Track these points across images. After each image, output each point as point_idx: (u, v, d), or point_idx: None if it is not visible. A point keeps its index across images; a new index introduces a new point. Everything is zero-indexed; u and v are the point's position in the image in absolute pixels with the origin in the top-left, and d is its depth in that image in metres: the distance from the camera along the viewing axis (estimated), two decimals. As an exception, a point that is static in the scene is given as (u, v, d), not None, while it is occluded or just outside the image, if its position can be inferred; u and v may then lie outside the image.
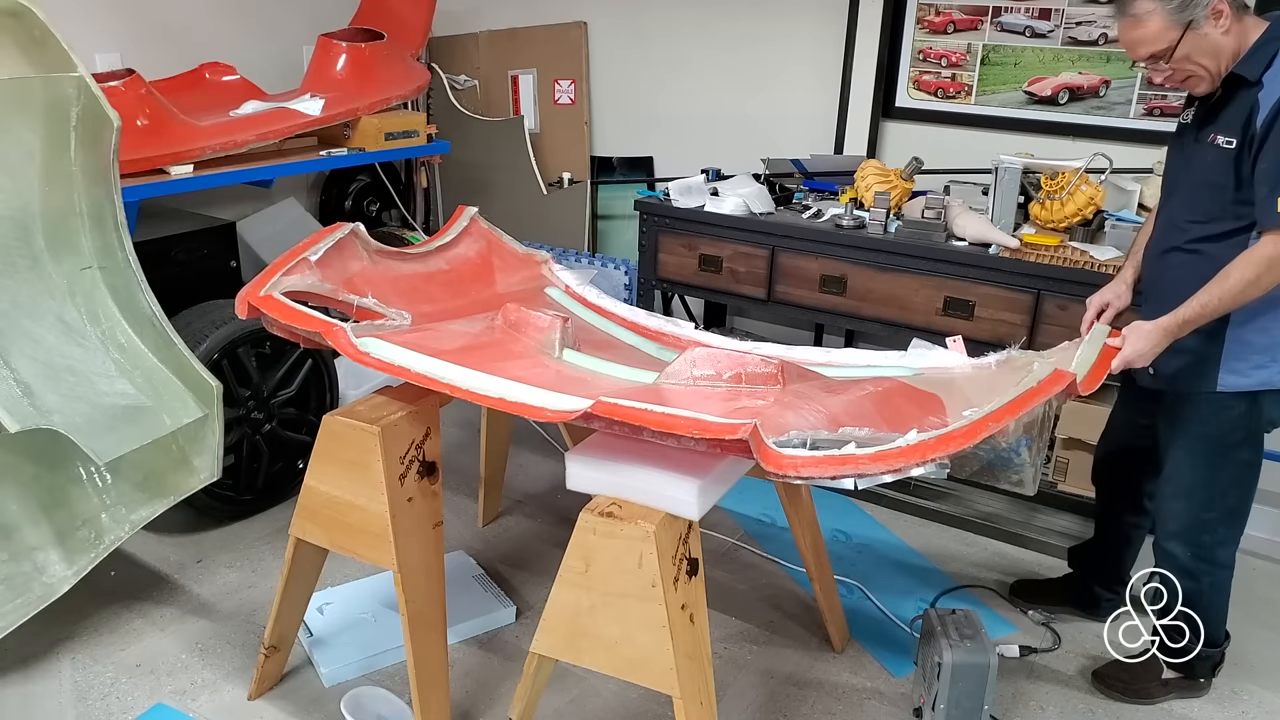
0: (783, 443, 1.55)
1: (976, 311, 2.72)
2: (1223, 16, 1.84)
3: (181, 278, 2.86)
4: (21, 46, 2.31)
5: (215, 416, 2.50)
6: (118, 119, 2.28)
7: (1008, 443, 1.63)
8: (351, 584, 2.64)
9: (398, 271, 2.37)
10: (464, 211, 2.66)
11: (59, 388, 2.31)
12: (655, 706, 2.21)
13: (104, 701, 2.23)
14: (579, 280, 2.61)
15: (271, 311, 1.98)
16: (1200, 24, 1.84)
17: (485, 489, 3.02)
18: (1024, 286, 2.65)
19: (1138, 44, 1.90)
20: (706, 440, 1.50)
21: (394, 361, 1.84)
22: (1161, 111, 3.01)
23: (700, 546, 1.72)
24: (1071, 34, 3.08)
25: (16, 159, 2.31)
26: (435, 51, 4.35)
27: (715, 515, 3.02)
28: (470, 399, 1.77)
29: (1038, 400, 1.60)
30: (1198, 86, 1.94)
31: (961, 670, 2.06)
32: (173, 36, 3.48)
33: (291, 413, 2.99)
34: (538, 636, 1.72)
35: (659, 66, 3.90)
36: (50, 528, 2.37)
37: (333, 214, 4.00)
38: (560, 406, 1.67)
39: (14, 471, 2.34)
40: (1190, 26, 1.84)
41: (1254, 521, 3.06)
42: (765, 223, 3.00)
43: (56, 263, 2.41)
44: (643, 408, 1.56)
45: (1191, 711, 2.32)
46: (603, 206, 4.18)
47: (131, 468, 2.44)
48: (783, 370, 1.91)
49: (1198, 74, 1.91)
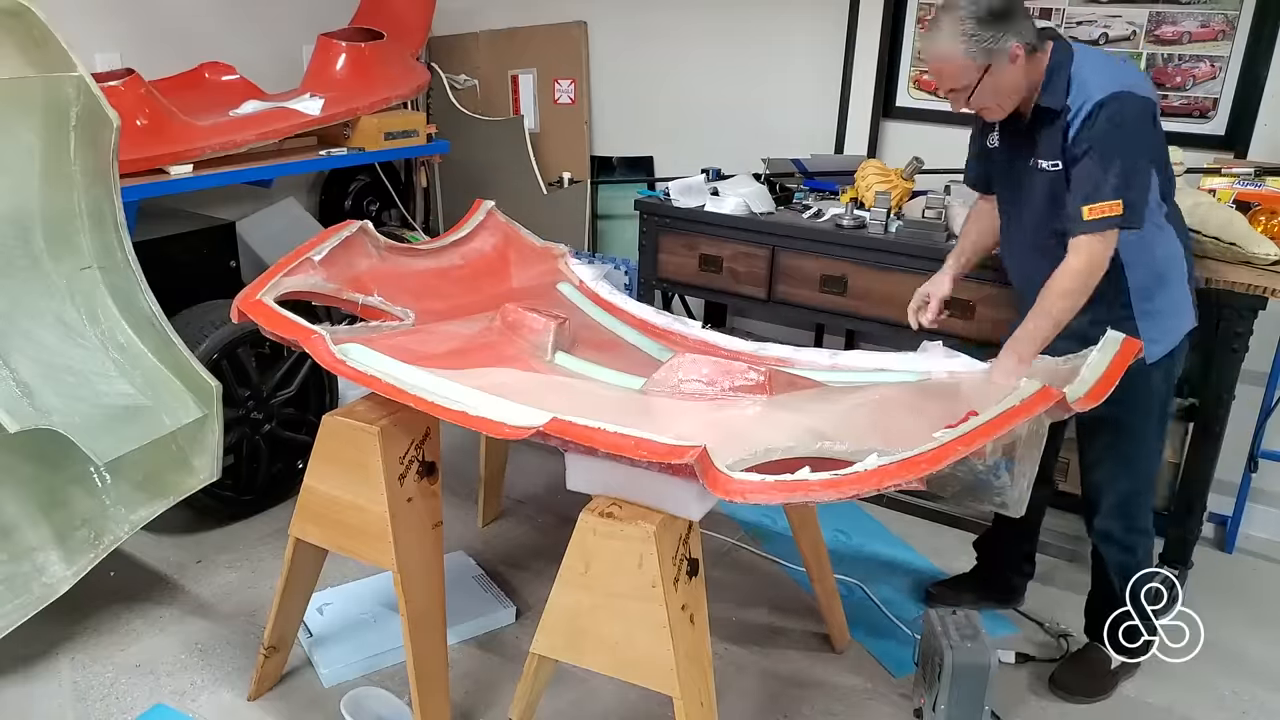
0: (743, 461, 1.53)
1: (977, 311, 2.71)
2: (1018, 60, 1.98)
3: (181, 278, 2.86)
4: (21, 46, 2.31)
5: (215, 417, 2.50)
6: (117, 119, 2.28)
7: (985, 465, 1.57)
8: (351, 584, 2.64)
9: (409, 268, 2.37)
10: (481, 205, 2.66)
11: (59, 388, 2.31)
12: (655, 707, 2.20)
13: (104, 702, 2.23)
14: (594, 275, 2.61)
15: (258, 318, 1.98)
16: (999, 68, 1.98)
17: (485, 489, 3.02)
18: (1024, 286, 2.64)
19: (940, 77, 2.06)
20: (653, 463, 1.48)
21: (366, 371, 1.83)
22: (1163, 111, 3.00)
23: (700, 547, 1.72)
24: (1072, 34, 3.08)
25: (16, 159, 2.31)
26: (435, 51, 4.34)
27: (715, 515, 3.02)
28: (431, 412, 1.74)
29: (1017, 421, 1.53)
30: (992, 115, 2.11)
31: (962, 671, 2.06)
32: (173, 36, 3.48)
33: (291, 413, 2.99)
34: (538, 637, 1.72)
35: (659, 66, 3.90)
36: (50, 528, 2.37)
37: (332, 214, 4.00)
38: (519, 422, 1.64)
39: (13, 471, 2.34)
40: (989, 70, 1.98)
41: (1254, 521, 3.09)
42: (765, 222, 3.00)
43: (56, 263, 2.40)
44: (594, 426, 1.54)
45: (1192, 712, 2.32)
46: (603, 206, 4.18)
47: (131, 468, 2.44)
48: (770, 379, 1.90)
49: (992, 108, 2.07)
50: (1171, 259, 2.14)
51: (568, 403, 1.76)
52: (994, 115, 2.10)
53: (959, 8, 1.96)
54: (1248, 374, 2.61)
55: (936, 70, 2.05)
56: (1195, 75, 2.93)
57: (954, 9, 1.97)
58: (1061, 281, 2.01)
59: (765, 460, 1.60)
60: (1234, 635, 2.58)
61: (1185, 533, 2.63)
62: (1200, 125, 2.96)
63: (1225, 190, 2.65)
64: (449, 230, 2.61)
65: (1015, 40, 1.96)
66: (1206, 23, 2.88)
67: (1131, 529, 2.28)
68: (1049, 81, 2.01)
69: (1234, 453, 2.91)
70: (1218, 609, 2.67)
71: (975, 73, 1.98)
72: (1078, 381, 1.74)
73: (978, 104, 2.06)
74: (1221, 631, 2.56)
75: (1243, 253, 2.46)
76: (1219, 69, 2.89)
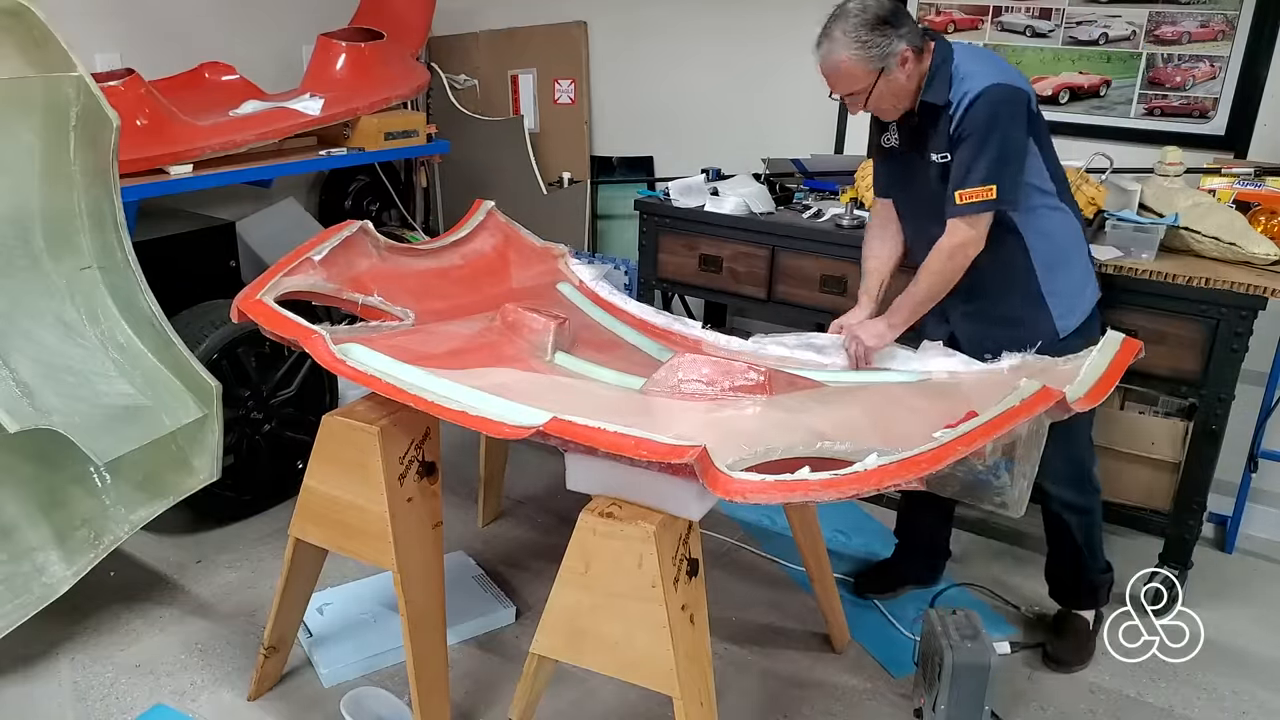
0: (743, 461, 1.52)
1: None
2: (908, 62, 2.09)
3: (181, 278, 2.86)
4: (21, 46, 2.31)
5: (215, 416, 2.50)
6: (117, 119, 2.28)
7: (985, 465, 1.56)
8: (351, 584, 2.64)
9: (409, 268, 2.37)
10: (481, 205, 2.66)
11: (59, 388, 2.31)
12: (655, 707, 2.20)
13: (104, 702, 2.23)
14: (593, 275, 2.61)
15: (258, 318, 1.98)
16: (891, 70, 2.09)
17: (485, 489, 3.01)
18: (1024, 286, 2.64)
19: (835, 83, 2.15)
20: (653, 463, 1.48)
21: (366, 370, 1.83)
22: (1162, 111, 3.01)
23: (700, 547, 1.71)
24: (1072, 34, 3.08)
25: (16, 159, 2.31)
26: (435, 51, 4.34)
27: (715, 515, 3.02)
28: (431, 412, 1.74)
29: (1017, 421, 1.54)
30: (888, 115, 2.22)
31: (962, 671, 2.06)
32: (172, 36, 3.47)
33: (291, 413, 2.99)
34: (538, 637, 1.72)
35: (659, 66, 3.90)
36: (50, 528, 2.37)
37: (332, 214, 3.99)
38: (519, 422, 1.64)
39: (13, 471, 2.34)
40: (883, 73, 2.09)
41: (1254, 521, 3.09)
42: (765, 222, 3.00)
43: (56, 263, 2.40)
44: (594, 426, 1.54)
45: (1192, 712, 2.32)
46: (603, 206, 4.18)
47: (131, 468, 2.44)
48: (770, 379, 1.90)
49: (888, 108, 2.19)
50: (1071, 238, 2.26)
51: (568, 403, 1.76)
52: (890, 115, 2.22)
53: (850, 16, 2.07)
54: (1248, 374, 2.60)
55: (832, 77, 2.14)
56: (1195, 75, 2.93)
57: (845, 18, 2.08)
58: (932, 260, 2.18)
59: (765, 460, 1.60)
60: (1234, 635, 2.58)
61: (1185, 533, 2.63)
62: (1200, 125, 2.96)
63: (1225, 190, 2.65)
64: (449, 230, 2.61)
65: (904, 43, 2.07)
66: (1206, 23, 2.88)
67: (1083, 490, 2.39)
68: (933, 79, 2.12)
69: (1234, 453, 2.91)
70: (1218, 609, 2.68)
71: (870, 77, 2.09)
72: (1077, 382, 1.73)
73: (874, 106, 2.17)
74: (1221, 631, 2.57)
75: (1242, 253, 2.47)
76: (1219, 69, 2.89)
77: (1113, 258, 2.55)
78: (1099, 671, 2.43)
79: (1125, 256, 2.55)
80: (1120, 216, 2.64)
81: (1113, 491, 2.76)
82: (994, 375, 2.01)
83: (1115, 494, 2.77)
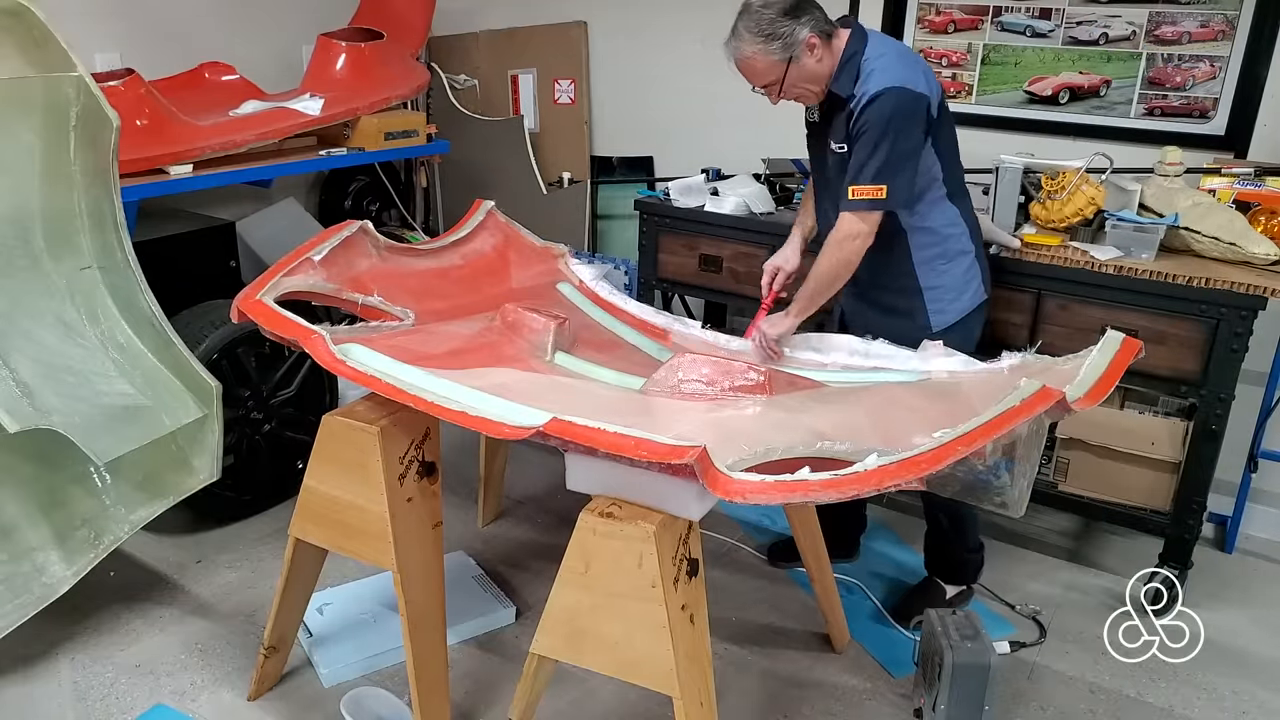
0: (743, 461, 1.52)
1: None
2: (816, 48, 2.14)
3: (181, 278, 2.86)
4: (21, 46, 2.31)
5: (215, 416, 2.50)
6: (117, 119, 2.28)
7: (985, 465, 1.56)
8: (351, 584, 2.64)
9: (409, 268, 2.37)
10: (481, 205, 2.66)
11: (59, 388, 2.31)
12: (655, 707, 2.20)
13: (104, 702, 2.23)
14: (593, 275, 2.61)
15: (258, 318, 1.98)
16: (799, 58, 2.13)
17: (485, 489, 3.01)
18: (1024, 286, 2.64)
19: (750, 77, 2.20)
20: (653, 463, 1.48)
21: (366, 371, 1.82)
22: (1162, 111, 3.01)
23: (700, 547, 1.71)
24: (1072, 34, 3.08)
25: (16, 159, 2.31)
26: (435, 51, 4.34)
27: (715, 515, 3.02)
28: (431, 412, 1.74)
29: (1018, 421, 1.53)
30: (807, 100, 2.27)
31: (962, 671, 2.06)
32: (173, 36, 3.48)
33: (291, 413, 2.99)
34: (538, 637, 1.72)
35: (659, 66, 3.90)
36: (49, 528, 2.37)
37: (332, 214, 4.00)
38: (519, 422, 1.64)
39: (13, 471, 2.34)
40: (792, 62, 2.14)
41: (1254, 521, 3.09)
42: (765, 223, 3.00)
43: (56, 263, 2.40)
44: (594, 426, 1.54)
45: (1192, 712, 2.32)
46: (603, 206, 4.18)
47: (131, 468, 2.44)
48: (770, 379, 1.90)
49: (805, 94, 2.23)
50: (957, 238, 2.32)
51: (568, 403, 1.76)
52: (810, 100, 2.26)
53: (753, 11, 2.12)
54: (1248, 374, 2.60)
55: (746, 72, 2.19)
56: (1195, 75, 2.93)
57: (749, 13, 2.13)
58: (824, 250, 2.26)
59: (765, 460, 1.60)
60: (1234, 635, 2.58)
61: (1185, 533, 2.63)
62: (1200, 125, 2.96)
63: (1225, 190, 2.65)
64: (449, 230, 2.61)
65: (808, 30, 2.11)
66: (1206, 23, 2.88)
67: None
68: (841, 70, 2.17)
69: (1234, 453, 2.91)
70: (1218, 609, 2.68)
71: (779, 68, 2.14)
72: (1077, 381, 1.73)
73: (790, 94, 2.22)
74: (1221, 631, 2.57)
75: (1242, 253, 2.47)
76: (1219, 69, 2.89)
77: (1113, 258, 2.55)
78: (1099, 671, 2.43)
79: (1125, 256, 2.55)
80: (1120, 216, 2.64)
81: (1113, 491, 2.77)
82: (994, 375, 2.01)
83: (1115, 494, 2.77)
